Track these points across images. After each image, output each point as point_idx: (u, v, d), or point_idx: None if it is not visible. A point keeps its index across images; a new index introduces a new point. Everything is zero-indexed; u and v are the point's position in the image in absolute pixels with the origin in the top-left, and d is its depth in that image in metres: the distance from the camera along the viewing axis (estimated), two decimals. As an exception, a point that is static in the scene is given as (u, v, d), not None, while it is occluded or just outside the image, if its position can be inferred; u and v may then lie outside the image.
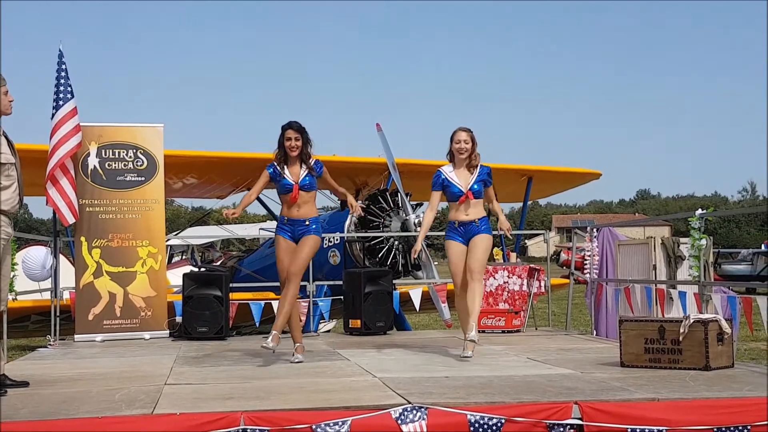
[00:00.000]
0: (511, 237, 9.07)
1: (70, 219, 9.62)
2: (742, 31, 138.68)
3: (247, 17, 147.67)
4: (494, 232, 8.18)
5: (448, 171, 7.91)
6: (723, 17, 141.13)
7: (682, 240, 9.71)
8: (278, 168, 7.68)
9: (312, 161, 7.72)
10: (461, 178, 7.83)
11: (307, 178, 7.65)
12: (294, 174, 7.65)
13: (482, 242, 7.76)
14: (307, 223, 7.63)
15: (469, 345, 7.53)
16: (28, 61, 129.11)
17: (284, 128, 7.69)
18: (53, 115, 9.55)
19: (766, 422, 5.12)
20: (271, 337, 7.29)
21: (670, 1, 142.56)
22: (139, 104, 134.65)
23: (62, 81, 9.62)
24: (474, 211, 7.81)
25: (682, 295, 8.46)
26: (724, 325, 6.68)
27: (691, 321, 6.60)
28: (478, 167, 7.88)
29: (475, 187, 7.80)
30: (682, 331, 6.57)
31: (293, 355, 7.52)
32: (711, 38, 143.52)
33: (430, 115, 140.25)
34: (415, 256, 8.20)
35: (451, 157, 7.93)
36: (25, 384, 6.14)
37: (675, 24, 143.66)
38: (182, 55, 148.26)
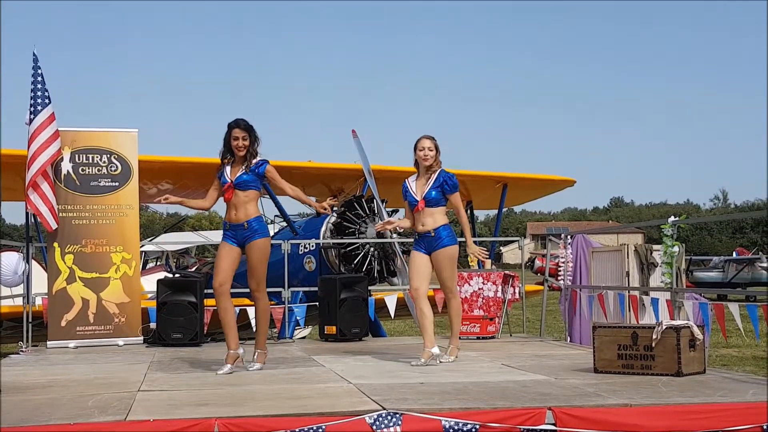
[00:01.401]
0: (485, 259, 9.05)
1: (53, 224, 9.62)
2: (715, 40, 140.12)
3: (222, 21, 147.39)
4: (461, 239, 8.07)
5: (411, 180, 7.82)
6: (698, 25, 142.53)
7: (655, 247, 9.79)
8: (224, 168, 7.32)
9: (255, 160, 7.26)
10: (418, 187, 7.71)
11: (244, 176, 7.20)
12: (233, 173, 7.26)
13: (445, 259, 7.65)
14: (246, 226, 7.19)
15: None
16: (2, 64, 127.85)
17: (230, 126, 7.25)
18: (31, 120, 9.48)
19: (737, 428, 5.17)
20: (256, 356, 7.37)
21: (644, 7, 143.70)
22: (113, 109, 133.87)
23: (39, 86, 9.55)
24: (430, 220, 7.63)
25: (655, 302, 8.53)
26: (696, 331, 6.74)
27: (664, 327, 6.66)
28: (437, 173, 7.69)
29: (433, 194, 7.61)
30: (654, 337, 6.62)
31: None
32: (685, 47, 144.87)
33: (407, 122, 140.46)
34: (389, 227, 8.28)
35: (417, 165, 7.78)
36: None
37: (649, 32, 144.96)
38: (157, 60, 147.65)
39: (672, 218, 8.47)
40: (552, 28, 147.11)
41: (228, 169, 7.29)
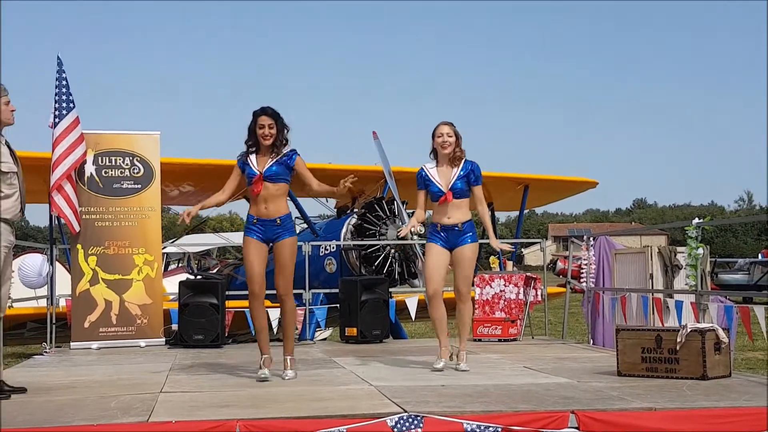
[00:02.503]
0: (510, 250, 8.60)
1: (77, 227, 9.71)
2: (739, 41, 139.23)
3: (244, 24, 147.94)
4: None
5: (429, 167, 7.26)
6: (720, 28, 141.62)
7: (679, 249, 9.72)
8: (248, 158, 6.84)
9: (285, 150, 6.83)
10: (442, 176, 7.16)
11: (273, 167, 6.75)
12: (261, 163, 6.78)
13: (468, 256, 7.15)
14: (278, 222, 6.76)
15: (458, 355, 7.27)
16: (25, 67, 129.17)
17: (256, 114, 6.79)
18: (56, 124, 9.56)
19: (763, 432, 5.12)
20: (288, 364, 6.88)
21: (666, 11, 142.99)
22: (135, 112, 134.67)
23: (63, 90, 9.62)
24: (457, 213, 7.11)
25: (679, 305, 8.46)
26: (721, 334, 6.68)
27: (688, 330, 6.60)
28: (463, 162, 7.19)
29: (458, 185, 7.11)
30: (679, 340, 6.56)
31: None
32: (708, 48, 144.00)
33: (427, 123, 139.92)
34: (403, 233, 7.74)
35: (435, 154, 7.28)
36: (23, 390, 6.15)
37: (672, 34, 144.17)
38: (179, 62, 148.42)
39: (696, 220, 8.40)
40: (575, 29, 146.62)
41: (253, 158, 6.82)
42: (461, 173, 7.15)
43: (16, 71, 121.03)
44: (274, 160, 6.77)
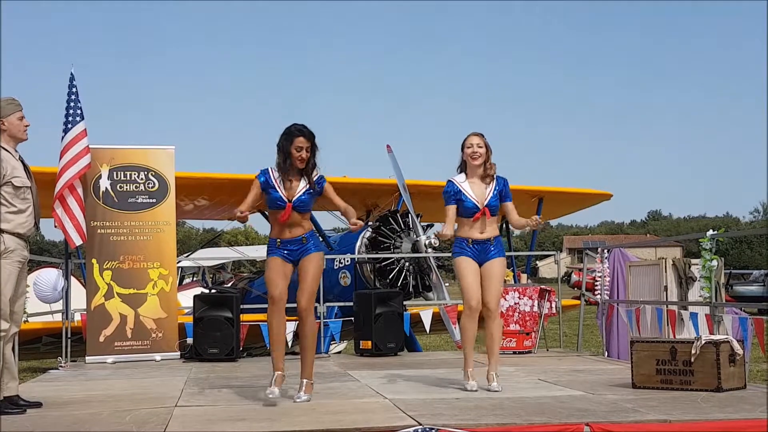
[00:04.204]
0: (540, 222, 7.87)
1: (78, 240, 9.57)
2: (756, 52, 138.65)
3: (259, 38, 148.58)
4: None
5: (460, 181, 7.01)
6: (736, 38, 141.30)
7: (694, 261, 9.70)
8: (272, 176, 6.43)
9: (315, 176, 6.46)
10: (476, 191, 6.95)
11: (304, 195, 6.41)
12: (289, 188, 6.40)
13: (498, 272, 6.96)
14: (303, 240, 6.47)
15: (489, 375, 6.93)
16: (40, 83, 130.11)
17: (293, 134, 6.35)
18: (62, 137, 9.61)
19: (779, 444, 5.09)
20: (304, 388, 6.40)
21: (681, 23, 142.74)
22: (150, 126, 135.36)
23: (72, 104, 9.68)
24: (490, 228, 6.96)
25: (694, 317, 8.44)
26: (736, 346, 6.65)
27: (703, 342, 6.58)
28: (495, 178, 7.02)
29: (493, 201, 6.94)
30: (693, 352, 6.55)
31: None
32: (724, 59, 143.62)
33: (442, 136, 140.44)
34: (445, 231, 6.96)
35: (464, 167, 7.07)
36: (38, 404, 6.19)
37: (686, 46, 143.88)
38: (193, 77, 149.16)
39: (711, 231, 8.38)
40: (589, 42, 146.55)
41: (280, 179, 6.41)
42: (495, 191, 6.98)
43: (32, 87, 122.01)
44: (305, 189, 6.44)
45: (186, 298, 12.56)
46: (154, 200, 10.28)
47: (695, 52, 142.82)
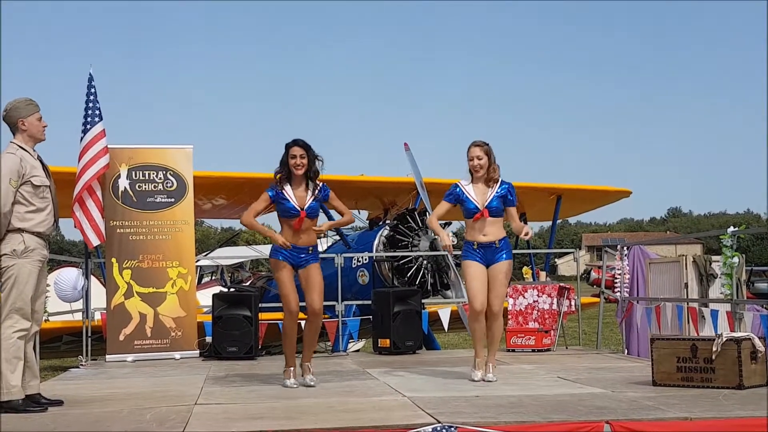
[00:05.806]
0: (529, 235, 8.09)
1: (95, 241, 9.62)
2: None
3: (277, 38, 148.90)
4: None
5: (465, 184, 7.36)
6: (753, 36, 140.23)
7: (714, 258, 9.63)
8: (280, 189, 7.19)
9: (320, 184, 7.27)
10: (478, 194, 7.27)
11: (313, 203, 7.20)
12: (299, 198, 7.17)
13: (503, 273, 7.25)
14: (310, 250, 7.23)
15: (485, 366, 7.36)
16: (58, 83, 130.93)
17: (288, 146, 7.21)
18: (81, 138, 9.66)
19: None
20: (311, 371, 7.31)
21: (699, 21, 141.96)
22: (169, 126, 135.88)
23: (90, 104, 9.72)
24: (493, 230, 7.23)
25: (714, 314, 8.38)
26: (758, 343, 6.60)
27: (724, 339, 6.54)
28: (499, 182, 7.31)
29: (494, 203, 7.21)
30: (714, 349, 6.50)
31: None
32: (743, 56, 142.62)
33: (458, 134, 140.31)
34: (447, 243, 7.54)
35: (471, 172, 7.40)
36: (59, 402, 6.23)
37: (706, 44, 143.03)
38: (212, 77, 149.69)
39: (732, 228, 8.33)
40: (609, 37, 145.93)
41: (289, 191, 7.18)
42: (497, 194, 7.27)
43: (51, 87, 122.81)
44: (313, 196, 7.20)
45: (205, 297, 12.61)
46: (173, 199, 10.31)
47: (712, 51, 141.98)
